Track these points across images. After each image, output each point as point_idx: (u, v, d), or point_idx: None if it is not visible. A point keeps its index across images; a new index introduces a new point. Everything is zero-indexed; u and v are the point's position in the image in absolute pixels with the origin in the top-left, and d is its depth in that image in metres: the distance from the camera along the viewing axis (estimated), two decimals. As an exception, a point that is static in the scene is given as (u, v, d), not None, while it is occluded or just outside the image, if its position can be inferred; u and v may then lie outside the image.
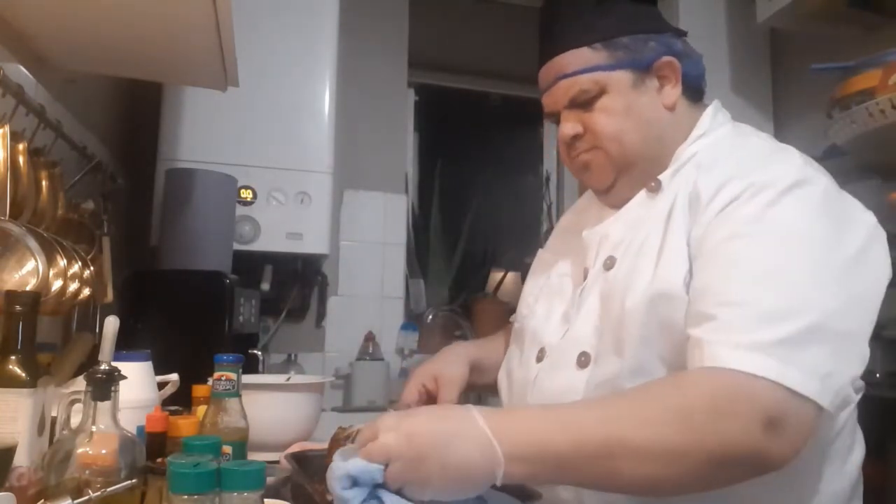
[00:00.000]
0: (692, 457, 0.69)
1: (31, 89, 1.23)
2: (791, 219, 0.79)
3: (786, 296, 0.74)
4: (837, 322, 0.74)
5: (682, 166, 0.93)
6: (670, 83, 0.95)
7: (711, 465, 0.69)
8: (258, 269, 2.22)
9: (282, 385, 1.32)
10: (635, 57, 0.93)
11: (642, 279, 0.86)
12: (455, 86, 3.02)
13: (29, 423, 0.74)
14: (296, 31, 2.13)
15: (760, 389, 0.69)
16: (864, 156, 1.64)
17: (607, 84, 0.93)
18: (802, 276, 0.76)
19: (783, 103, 2.28)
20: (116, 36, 1.28)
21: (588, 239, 0.99)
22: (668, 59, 0.94)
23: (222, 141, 2.02)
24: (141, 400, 1.01)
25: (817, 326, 0.73)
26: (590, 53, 0.93)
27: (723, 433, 0.68)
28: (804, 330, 0.72)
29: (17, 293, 0.78)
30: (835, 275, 0.77)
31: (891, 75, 1.45)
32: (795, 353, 0.71)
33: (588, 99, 0.93)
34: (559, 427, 0.71)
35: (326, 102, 2.14)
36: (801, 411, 0.70)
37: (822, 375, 0.71)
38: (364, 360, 2.51)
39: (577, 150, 0.97)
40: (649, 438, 0.69)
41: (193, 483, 0.54)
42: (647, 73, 0.94)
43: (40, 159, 1.22)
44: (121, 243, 1.74)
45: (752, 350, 0.71)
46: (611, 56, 0.93)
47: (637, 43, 0.93)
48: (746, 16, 2.16)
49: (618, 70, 0.93)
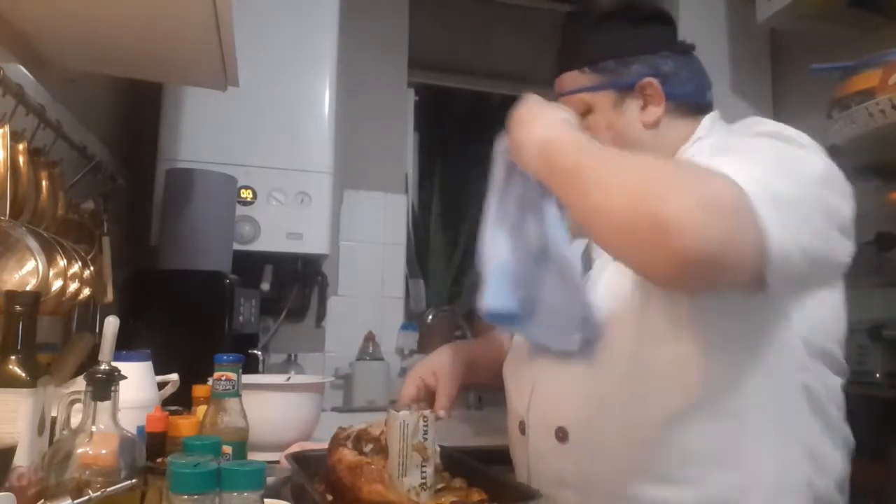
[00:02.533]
0: (630, 197, 0.74)
1: (31, 89, 1.23)
2: (770, 143, 0.85)
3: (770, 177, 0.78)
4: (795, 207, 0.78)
5: None
6: (653, 102, 1.02)
7: (638, 213, 0.72)
8: (258, 269, 2.22)
9: (282, 385, 1.32)
10: (617, 79, 1.02)
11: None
12: (455, 86, 3.01)
13: (29, 423, 0.74)
14: (296, 31, 2.13)
15: (727, 184, 0.72)
16: (864, 156, 1.64)
17: (592, 104, 1.03)
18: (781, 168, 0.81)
19: (783, 103, 2.28)
20: (116, 36, 1.28)
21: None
22: (649, 81, 1.01)
23: (222, 141, 2.02)
24: (141, 400, 1.01)
25: (787, 200, 0.76)
26: (579, 76, 1.04)
27: (666, 192, 0.72)
28: (776, 190, 0.75)
29: (17, 293, 0.78)
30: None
31: (891, 75, 1.45)
32: (767, 186, 0.74)
33: (579, 115, 1.02)
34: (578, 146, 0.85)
35: (326, 102, 2.14)
36: (746, 222, 0.72)
37: (781, 214, 0.74)
38: (364, 360, 2.51)
39: None
40: (617, 170, 0.79)
41: (193, 483, 0.54)
42: (629, 93, 1.02)
43: (40, 159, 1.21)
44: (121, 243, 1.74)
45: (737, 172, 0.74)
46: (596, 79, 1.03)
47: (620, 66, 1.02)
48: (746, 16, 2.16)
49: (601, 91, 1.03)
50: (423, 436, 0.86)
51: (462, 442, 1.37)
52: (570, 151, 0.84)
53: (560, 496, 0.93)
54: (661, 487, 0.87)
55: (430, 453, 0.86)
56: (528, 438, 1.00)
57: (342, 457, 0.87)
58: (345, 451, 0.88)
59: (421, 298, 2.84)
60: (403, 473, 0.84)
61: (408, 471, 0.85)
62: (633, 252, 0.77)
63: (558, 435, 0.94)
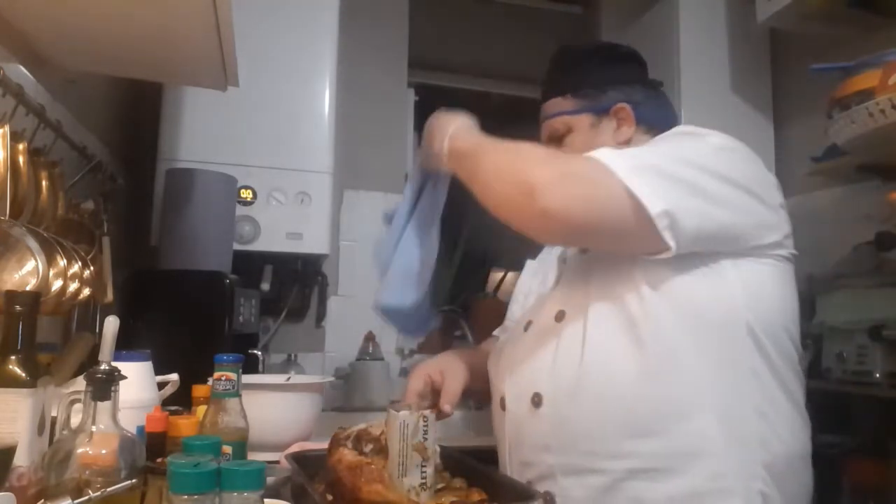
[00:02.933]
0: (506, 178, 0.94)
1: (31, 89, 1.23)
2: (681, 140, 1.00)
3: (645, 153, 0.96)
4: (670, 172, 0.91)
5: None
6: (626, 124, 1.16)
7: (511, 186, 0.92)
8: (258, 269, 2.22)
9: (282, 385, 1.32)
10: (594, 104, 1.17)
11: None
12: (455, 86, 3.01)
13: (29, 423, 0.74)
14: (296, 31, 2.13)
15: (591, 162, 0.91)
16: (864, 156, 1.64)
17: (573, 125, 1.18)
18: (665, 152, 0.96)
19: (783, 103, 2.28)
20: (116, 36, 1.28)
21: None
22: (622, 105, 1.15)
23: (222, 141, 2.02)
24: (141, 400, 1.01)
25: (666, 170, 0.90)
26: (561, 101, 1.19)
27: (534, 169, 0.91)
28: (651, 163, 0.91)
29: (17, 293, 0.78)
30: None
31: (891, 75, 1.45)
32: (637, 169, 0.89)
33: (559, 136, 1.18)
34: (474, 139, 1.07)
35: (326, 102, 2.14)
36: (609, 193, 0.88)
37: (643, 175, 0.88)
38: (364, 360, 2.51)
39: None
40: (499, 159, 0.98)
41: (193, 483, 0.54)
42: (605, 116, 1.17)
43: (40, 159, 1.22)
44: (121, 243, 1.74)
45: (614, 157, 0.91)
46: (576, 103, 1.18)
47: (597, 92, 1.17)
48: (746, 16, 2.16)
49: (580, 114, 1.17)
50: (423, 436, 0.86)
51: (462, 442, 1.37)
52: (470, 143, 1.05)
53: (540, 460, 1.00)
54: (635, 441, 0.93)
55: (430, 453, 0.86)
56: (507, 411, 1.07)
57: (342, 457, 0.87)
58: (345, 451, 0.88)
59: (421, 298, 2.84)
60: (403, 473, 0.84)
61: (408, 471, 0.85)
62: (513, 216, 0.93)
63: (534, 400, 1.01)
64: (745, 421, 0.93)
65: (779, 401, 0.97)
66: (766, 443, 0.94)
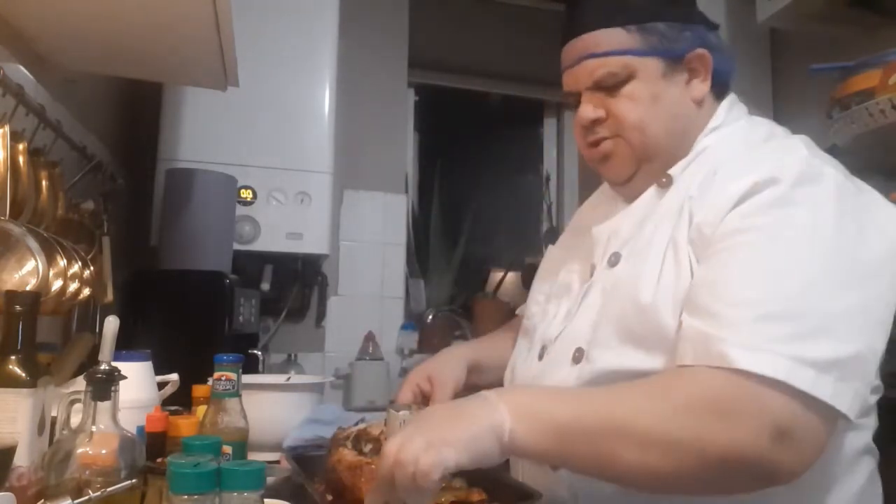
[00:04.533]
0: (695, 454, 0.68)
1: (31, 89, 1.23)
2: (802, 215, 0.76)
3: (794, 296, 0.72)
4: (851, 329, 0.72)
5: (693, 160, 0.92)
6: (699, 77, 0.92)
7: (714, 467, 0.68)
8: (258, 269, 2.22)
9: (282, 385, 1.32)
10: (669, 45, 0.89)
11: (650, 276, 0.84)
12: (455, 86, 3.02)
13: (29, 423, 0.74)
14: (296, 31, 2.13)
15: (770, 394, 0.67)
16: (864, 156, 1.64)
17: (637, 69, 0.89)
18: (813, 275, 0.73)
19: (783, 103, 2.28)
20: (116, 36, 1.28)
21: (597, 235, 0.97)
22: (701, 52, 0.90)
23: (222, 141, 2.02)
24: (141, 400, 1.01)
25: (824, 329, 0.70)
26: (623, 35, 0.89)
27: (730, 435, 0.67)
28: (810, 331, 0.70)
29: (17, 293, 0.78)
30: (844, 278, 0.74)
31: (891, 75, 1.45)
32: (805, 353, 0.68)
33: (615, 83, 0.90)
34: (562, 400, 0.73)
35: (326, 102, 2.14)
36: (814, 419, 0.68)
37: (835, 377, 0.68)
38: (364, 360, 2.51)
39: (595, 136, 0.94)
40: (649, 426, 0.68)
41: (193, 483, 0.54)
42: (678, 64, 0.90)
43: (40, 159, 1.22)
44: (121, 243, 1.74)
45: (759, 351, 0.68)
46: (644, 41, 0.89)
47: (672, 31, 0.90)
48: (746, 16, 2.16)
49: (650, 56, 0.89)
50: (423, 436, 0.86)
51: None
52: (549, 438, 0.70)
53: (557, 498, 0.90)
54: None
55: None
56: (521, 461, 0.97)
57: (342, 457, 0.87)
58: (345, 452, 0.88)
59: (421, 298, 2.84)
60: (403, 473, 0.84)
61: (408, 471, 0.84)
62: (715, 491, 0.73)
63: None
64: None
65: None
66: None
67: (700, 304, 0.76)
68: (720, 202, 0.80)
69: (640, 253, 0.88)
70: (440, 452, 0.65)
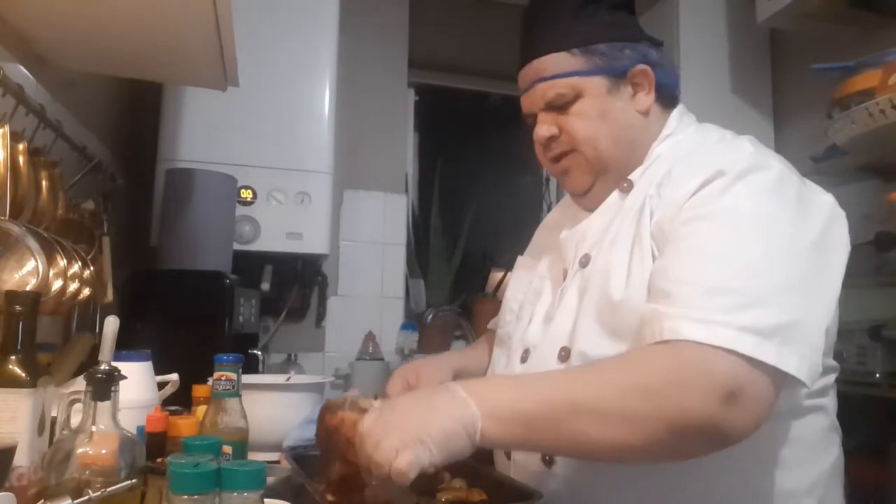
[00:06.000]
0: (652, 424, 0.72)
1: (31, 89, 1.23)
2: (744, 202, 0.82)
3: (737, 273, 0.77)
4: (791, 299, 0.77)
5: (650, 165, 0.98)
6: (644, 90, 0.98)
7: (672, 434, 0.72)
8: (258, 269, 2.22)
9: (282, 385, 1.32)
10: (611, 63, 0.96)
11: (619, 271, 0.89)
12: (455, 86, 3.02)
13: (29, 423, 0.74)
14: (296, 31, 2.13)
15: (717, 360, 0.72)
16: (864, 156, 1.64)
17: (583, 88, 0.96)
18: (754, 254, 0.78)
19: (783, 103, 2.28)
20: (116, 36, 1.28)
21: (565, 240, 1.03)
22: (643, 68, 0.97)
23: (222, 141, 2.02)
24: (141, 400, 1.01)
25: (765, 300, 0.75)
26: (568, 58, 0.96)
27: (681, 403, 0.71)
28: (753, 302, 0.75)
29: (17, 293, 0.78)
30: (788, 255, 0.79)
31: (891, 75, 1.45)
32: (748, 322, 0.73)
33: (564, 102, 0.97)
34: (527, 391, 0.76)
35: (326, 102, 2.14)
36: (760, 381, 0.73)
37: (778, 342, 0.73)
38: (364, 360, 2.51)
39: (552, 152, 1.02)
40: (611, 404, 0.73)
41: (193, 483, 0.54)
42: (621, 80, 0.97)
43: (40, 159, 1.21)
44: (121, 243, 1.74)
45: (706, 322, 0.73)
46: (588, 62, 0.96)
47: (613, 50, 0.97)
48: (746, 16, 2.16)
49: (594, 75, 0.96)
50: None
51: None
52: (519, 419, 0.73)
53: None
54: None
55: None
56: (512, 462, 0.97)
57: (344, 417, 0.85)
58: (346, 413, 0.86)
59: (421, 298, 2.84)
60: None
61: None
62: (677, 456, 0.78)
63: (545, 458, 0.91)
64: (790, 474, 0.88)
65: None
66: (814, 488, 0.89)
67: (655, 288, 0.81)
68: (676, 198, 0.86)
69: (609, 251, 0.93)
70: (415, 453, 0.69)
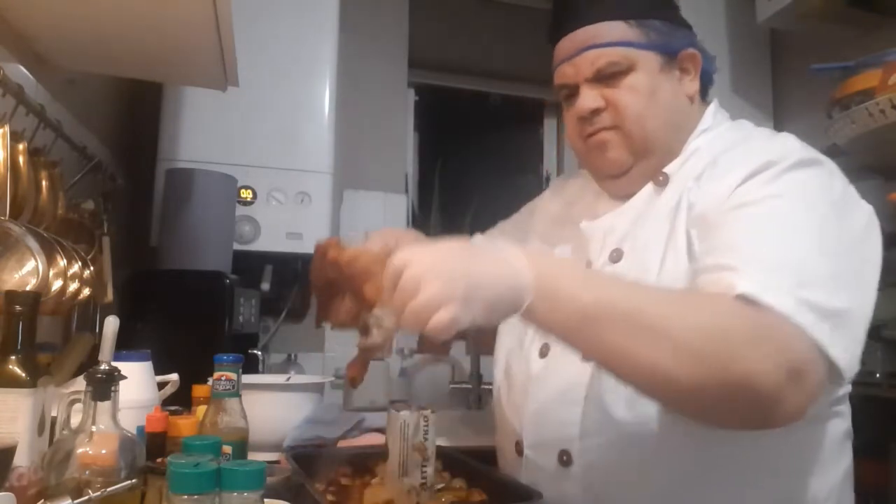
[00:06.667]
0: (711, 371, 0.66)
1: (31, 89, 1.23)
2: (796, 191, 0.79)
3: (793, 255, 0.74)
4: (842, 288, 0.75)
5: (687, 159, 0.94)
6: (690, 75, 0.95)
7: (725, 389, 0.67)
8: (258, 269, 2.21)
9: (282, 385, 1.32)
10: (666, 41, 0.93)
11: (650, 274, 0.86)
12: (455, 86, 3.01)
13: (29, 423, 0.74)
14: (296, 31, 2.12)
15: (794, 336, 0.69)
16: (864, 156, 1.64)
17: (637, 61, 0.91)
18: (807, 241, 0.76)
19: (783, 103, 2.28)
20: (116, 36, 1.28)
21: (589, 231, 0.98)
22: (693, 52, 0.94)
23: (222, 141, 2.02)
24: (141, 400, 1.01)
25: (821, 283, 0.73)
26: (624, 28, 0.92)
27: (751, 361, 0.66)
28: (810, 282, 0.72)
29: (17, 293, 0.78)
30: (837, 248, 0.77)
31: (891, 75, 1.45)
32: (807, 297, 0.70)
33: (615, 73, 0.92)
34: (592, 284, 0.69)
35: (326, 102, 2.13)
36: (820, 367, 0.70)
37: (831, 326, 0.71)
38: (364, 360, 2.50)
39: (594, 127, 0.95)
40: (680, 334, 0.66)
41: (193, 483, 0.54)
42: (672, 61, 0.94)
43: (40, 159, 1.21)
44: (121, 243, 1.74)
45: (787, 295, 0.70)
46: (643, 35, 0.92)
47: (667, 29, 0.93)
48: (746, 16, 2.16)
49: (649, 50, 0.92)
50: (424, 435, 0.86)
51: (462, 442, 1.37)
52: (579, 292, 0.66)
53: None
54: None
55: (430, 453, 0.86)
56: (525, 459, 0.95)
57: (366, 248, 0.80)
58: (368, 244, 0.82)
59: (421, 298, 2.83)
60: (403, 473, 0.84)
61: (408, 470, 0.84)
62: (718, 417, 0.73)
63: (562, 459, 0.89)
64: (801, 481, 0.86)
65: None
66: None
67: (710, 264, 0.76)
68: (722, 187, 0.82)
69: (643, 250, 0.89)
70: (461, 310, 0.60)
